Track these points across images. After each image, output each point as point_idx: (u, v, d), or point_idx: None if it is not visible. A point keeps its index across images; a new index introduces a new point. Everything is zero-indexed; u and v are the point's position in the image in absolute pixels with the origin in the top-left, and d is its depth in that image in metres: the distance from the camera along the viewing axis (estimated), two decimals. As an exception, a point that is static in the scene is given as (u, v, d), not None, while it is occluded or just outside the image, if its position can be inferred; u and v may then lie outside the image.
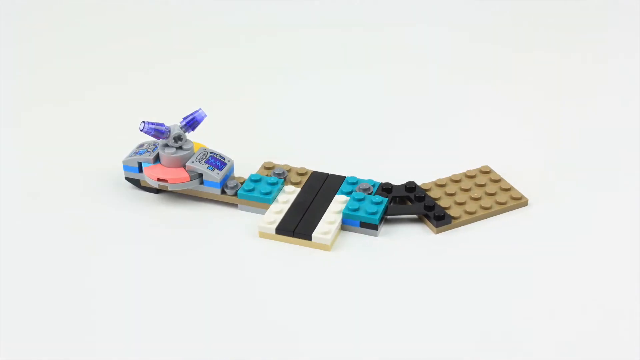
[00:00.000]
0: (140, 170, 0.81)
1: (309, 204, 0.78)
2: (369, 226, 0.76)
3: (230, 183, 0.79)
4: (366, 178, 0.82)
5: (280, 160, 0.84)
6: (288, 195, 0.79)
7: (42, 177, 0.84)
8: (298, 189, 0.80)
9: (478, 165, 0.84)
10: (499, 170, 0.83)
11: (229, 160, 0.80)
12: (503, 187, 0.80)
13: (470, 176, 0.82)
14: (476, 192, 0.79)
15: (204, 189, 0.80)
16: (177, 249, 0.75)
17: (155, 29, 1.11)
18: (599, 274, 0.72)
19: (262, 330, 0.67)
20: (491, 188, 0.80)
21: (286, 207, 0.77)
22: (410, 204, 0.79)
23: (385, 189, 0.80)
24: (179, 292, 0.71)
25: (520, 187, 0.81)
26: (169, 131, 0.79)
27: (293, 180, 0.81)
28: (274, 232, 0.75)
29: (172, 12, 1.14)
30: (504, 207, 0.78)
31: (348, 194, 0.79)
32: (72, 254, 0.75)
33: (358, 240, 0.76)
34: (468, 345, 0.66)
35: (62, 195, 0.82)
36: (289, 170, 0.82)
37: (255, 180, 0.80)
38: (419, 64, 1.03)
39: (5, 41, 1.08)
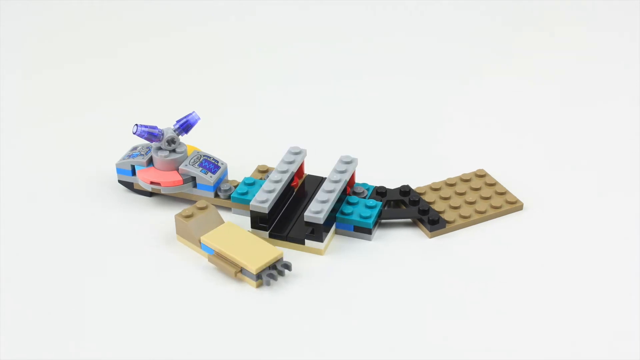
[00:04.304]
0: (134, 173, 0.81)
1: (302, 207, 0.78)
2: (363, 230, 0.76)
3: (224, 186, 0.79)
4: (360, 182, 0.81)
5: (275, 163, 0.84)
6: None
7: (35, 179, 0.84)
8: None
9: (473, 169, 0.83)
10: (494, 173, 0.83)
11: (222, 164, 0.80)
12: (498, 191, 0.80)
13: (465, 180, 0.81)
14: (471, 196, 0.79)
15: (198, 192, 0.79)
16: (170, 252, 0.75)
17: (150, 33, 1.10)
18: (595, 279, 0.72)
19: (255, 335, 0.67)
20: (486, 192, 0.79)
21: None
22: (404, 207, 0.79)
23: (380, 192, 0.79)
24: (171, 295, 0.71)
25: (516, 191, 0.81)
26: (162, 134, 0.79)
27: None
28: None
29: (167, 16, 1.14)
30: (498, 211, 0.78)
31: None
32: (65, 256, 0.74)
33: (352, 244, 0.76)
34: (462, 350, 0.66)
35: (55, 197, 0.81)
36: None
37: (249, 183, 0.79)
38: (415, 66, 1.03)
39: (6, 44, 1.08)
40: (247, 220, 0.77)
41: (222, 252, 0.72)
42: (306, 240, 0.74)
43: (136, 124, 0.78)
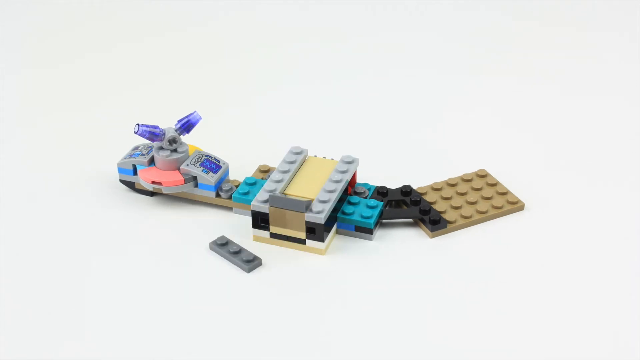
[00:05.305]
0: (135, 172, 0.81)
1: (303, 207, 0.78)
2: (364, 230, 0.76)
3: (225, 186, 0.79)
4: (361, 181, 0.81)
5: (276, 163, 0.84)
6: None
7: (35, 179, 0.84)
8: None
9: (475, 169, 0.83)
10: (496, 174, 0.83)
11: (223, 163, 0.80)
12: (499, 191, 0.80)
13: (466, 180, 0.81)
14: (472, 196, 0.79)
15: (199, 192, 0.79)
16: (171, 251, 0.75)
17: (150, 32, 1.10)
18: (595, 279, 0.72)
19: (255, 334, 0.67)
20: (487, 192, 0.79)
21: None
22: (405, 207, 0.79)
23: (381, 192, 0.79)
24: (172, 294, 0.71)
25: (517, 191, 0.81)
26: (164, 134, 0.79)
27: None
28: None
29: (168, 17, 1.14)
30: (500, 211, 0.78)
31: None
32: (67, 256, 0.75)
33: (353, 244, 0.76)
34: (462, 350, 0.66)
35: (55, 197, 0.81)
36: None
37: (250, 183, 0.79)
38: (415, 66, 1.03)
39: (5, 43, 1.08)
40: (248, 220, 0.77)
41: None
42: (307, 240, 0.74)
43: (137, 124, 0.78)
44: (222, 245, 0.74)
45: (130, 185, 0.82)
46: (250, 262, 0.73)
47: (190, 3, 1.16)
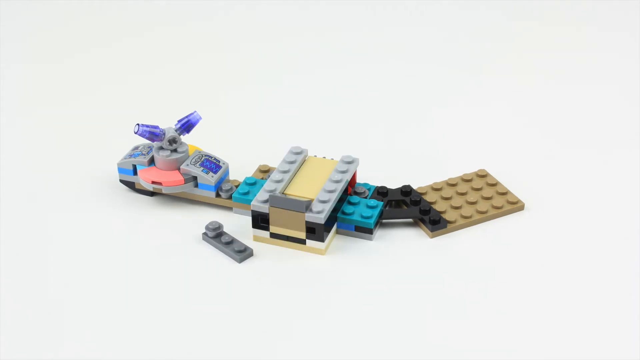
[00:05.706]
0: (135, 172, 0.81)
1: (303, 207, 0.78)
2: (364, 230, 0.76)
3: (225, 186, 0.79)
4: (361, 181, 0.81)
5: (276, 163, 0.84)
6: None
7: (35, 179, 0.84)
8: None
9: (475, 169, 0.83)
10: (496, 174, 0.83)
11: (223, 163, 0.80)
12: (499, 191, 0.80)
13: (466, 180, 0.81)
14: (472, 196, 0.79)
15: (199, 192, 0.79)
16: (171, 252, 0.75)
17: (150, 32, 1.10)
18: (595, 279, 0.72)
19: (255, 334, 0.67)
20: (487, 192, 0.80)
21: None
22: (405, 207, 0.79)
23: (381, 192, 0.79)
24: (172, 294, 0.71)
25: (517, 191, 0.81)
26: (164, 134, 0.79)
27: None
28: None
29: (168, 15, 1.14)
30: (500, 212, 0.78)
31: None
32: (67, 256, 0.75)
33: (353, 244, 0.76)
34: (462, 350, 0.66)
35: (55, 197, 0.81)
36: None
37: (250, 183, 0.79)
38: (415, 66, 1.03)
39: (5, 42, 1.08)
40: (248, 220, 0.77)
41: None
42: (307, 240, 0.74)
43: (137, 124, 0.78)
44: (216, 236, 0.75)
45: (130, 185, 0.82)
46: (242, 253, 0.73)
47: (190, 3, 1.16)
